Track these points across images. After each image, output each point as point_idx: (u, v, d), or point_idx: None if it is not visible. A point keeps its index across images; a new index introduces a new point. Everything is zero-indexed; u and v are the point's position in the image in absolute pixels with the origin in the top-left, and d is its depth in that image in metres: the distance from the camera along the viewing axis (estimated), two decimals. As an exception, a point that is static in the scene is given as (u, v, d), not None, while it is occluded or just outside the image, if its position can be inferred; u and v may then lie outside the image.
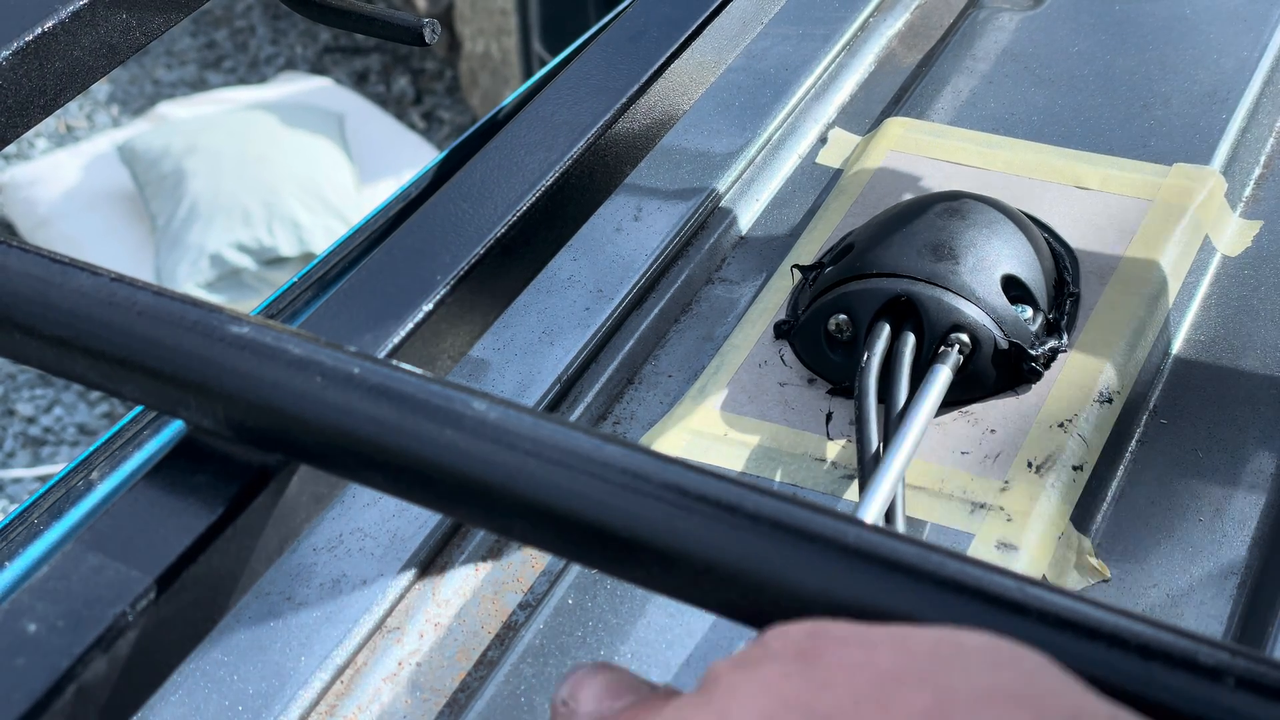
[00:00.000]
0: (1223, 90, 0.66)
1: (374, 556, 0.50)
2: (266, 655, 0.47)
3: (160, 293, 0.37)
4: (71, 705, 0.32)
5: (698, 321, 0.59)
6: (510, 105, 0.67)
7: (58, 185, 3.12)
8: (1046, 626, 0.27)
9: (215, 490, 0.35)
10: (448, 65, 3.71)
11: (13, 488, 2.77)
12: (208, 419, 0.36)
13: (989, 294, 0.53)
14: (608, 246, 0.61)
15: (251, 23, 3.90)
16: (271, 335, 0.35)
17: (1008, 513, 0.49)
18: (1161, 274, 0.57)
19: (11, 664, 0.32)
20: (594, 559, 0.32)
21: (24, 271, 0.38)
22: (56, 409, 2.98)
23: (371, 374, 0.34)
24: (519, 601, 0.50)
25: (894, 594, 0.28)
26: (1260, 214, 0.63)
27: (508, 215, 0.45)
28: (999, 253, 0.54)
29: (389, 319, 0.42)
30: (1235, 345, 0.57)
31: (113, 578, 0.33)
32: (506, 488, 0.32)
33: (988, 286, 0.53)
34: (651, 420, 0.55)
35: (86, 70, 0.52)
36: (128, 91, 3.68)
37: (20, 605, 0.33)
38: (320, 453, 0.35)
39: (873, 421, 0.50)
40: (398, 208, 0.65)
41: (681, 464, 0.31)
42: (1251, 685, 0.26)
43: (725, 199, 0.64)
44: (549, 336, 0.57)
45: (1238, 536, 0.50)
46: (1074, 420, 0.52)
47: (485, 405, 0.33)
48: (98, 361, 0.37)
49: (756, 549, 0.30)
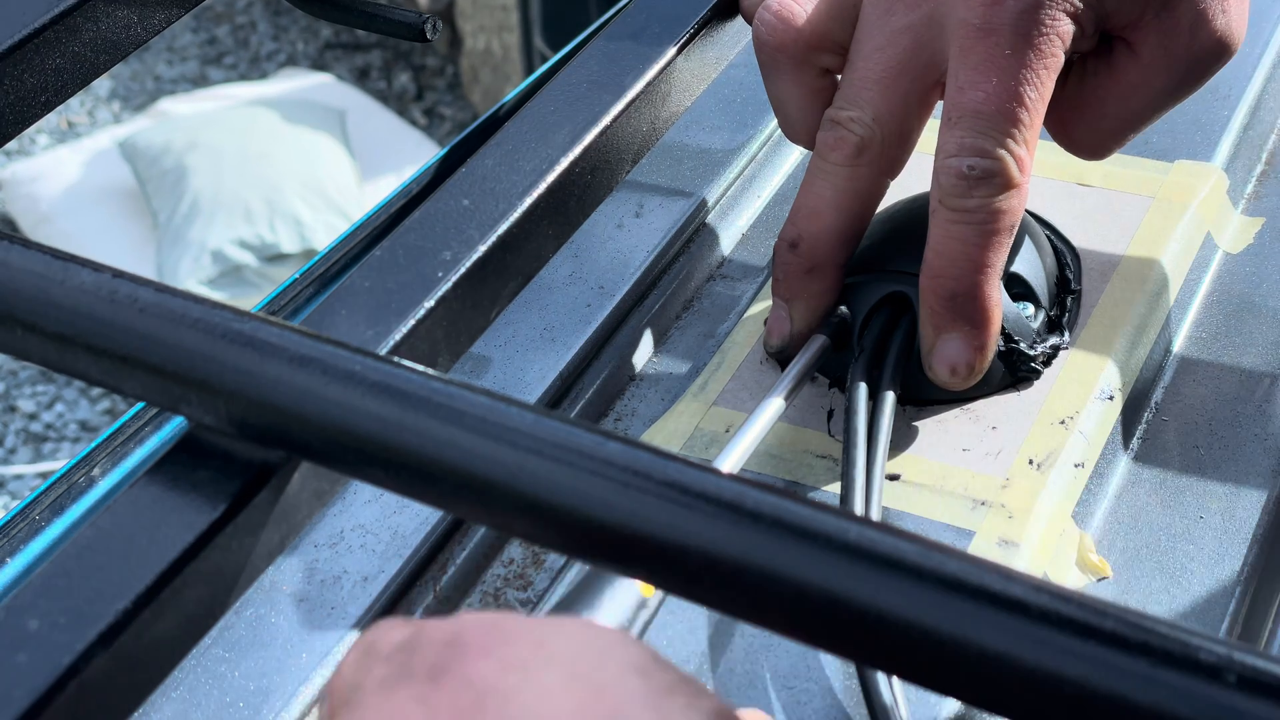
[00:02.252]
0: (1224, 87, 0.66)
1: (375, 553, 0.50)
2: (268, 651, 0.47)
3: (162, 289, 0.37)
4: (73, 701, 0.32)
5: (699, 318, 0.59)
6: (511, 102, 0.67)
7: (59, 181, 3.12)
8: (1047, 625, 0.27)
9: (217, 487, 0.35)
10: (449, 61, 3.71)
11: (14, 484, 2.77)
12: (209, 416, 0.36)
13: (990, 291, 0.53)
14: (609, 243, 0.61)
15: (253, 19, 3.90)
16: (273, 332, 0.35)
17: (1009, 510, 0.49)
18: (1163, 271, 0.57)
19: (13, 660, 0.32)
20: (595, 556, 0.32)
21: (25, 268, 0.38)
22: (58, 405, 2.98)
23: (373, 371, 0.34)
24: (521, 599, 0.50)
25: (893, 593, 0.28)
26: (1262, 211, 0.63)
27: (509, 212, 0.45)
28: (1000, 250, 0.54)
29: (390, 315, 0.42)
30: (1237, 342, 0.57)
31: (114, 574, 0.33)
32: (508, 484, 0.32)
33: (989, 283, 0.53)
34: (653, 417, 0.55)
35: (88, 66, 0.52)
36: (129, 87, 3.68)
37: (22, 602, 0.33)
38: (322, 449, 0.35)
39: (861, 416, 0.50)
40: (399, 204, 0.65)
41: (683, 460, 0.31)
42: (1252, 683, 0.26)
43: (727, 196, 0.64)
44: (550, 333, 0.57)
45: (1239, 533, 0.50)
46: (1075, 417, 0.52)
47: (487, 402, 0.33)
48: (99, 358, 0.37)
49: (756, 545, 0.30)
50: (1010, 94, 0.47)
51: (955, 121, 0.48)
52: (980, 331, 0.50)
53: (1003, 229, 0.49)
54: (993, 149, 0.48)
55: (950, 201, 0.48)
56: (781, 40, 0.52)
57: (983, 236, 0.49)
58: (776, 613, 0.30)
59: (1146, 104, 0.52)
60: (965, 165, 0.48)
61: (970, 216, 0.48)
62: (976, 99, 0.48)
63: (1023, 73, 0.48)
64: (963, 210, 0.48)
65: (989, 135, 0.48)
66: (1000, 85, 0.47)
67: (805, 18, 0.52)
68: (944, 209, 0.49)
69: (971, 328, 0.50)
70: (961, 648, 0.28)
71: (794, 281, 0.53)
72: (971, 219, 0.48)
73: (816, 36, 0.52)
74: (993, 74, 0.48)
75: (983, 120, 0.48)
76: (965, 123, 0.48)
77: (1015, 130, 0.48)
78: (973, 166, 0.48)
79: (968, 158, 0.48)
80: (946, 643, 0.28)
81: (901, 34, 0.49)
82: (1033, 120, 0.48)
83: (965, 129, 0.48)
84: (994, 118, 0.47)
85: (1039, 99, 0.48)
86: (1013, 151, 0.48)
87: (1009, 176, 0.48)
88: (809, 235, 0.52)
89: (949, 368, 0.50)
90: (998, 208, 0.48)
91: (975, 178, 0.48)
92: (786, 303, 0.53)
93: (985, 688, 0.28)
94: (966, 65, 0.48)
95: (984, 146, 0.48)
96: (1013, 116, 0.48)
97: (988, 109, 0.48)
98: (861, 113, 0.50)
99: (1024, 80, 0.48)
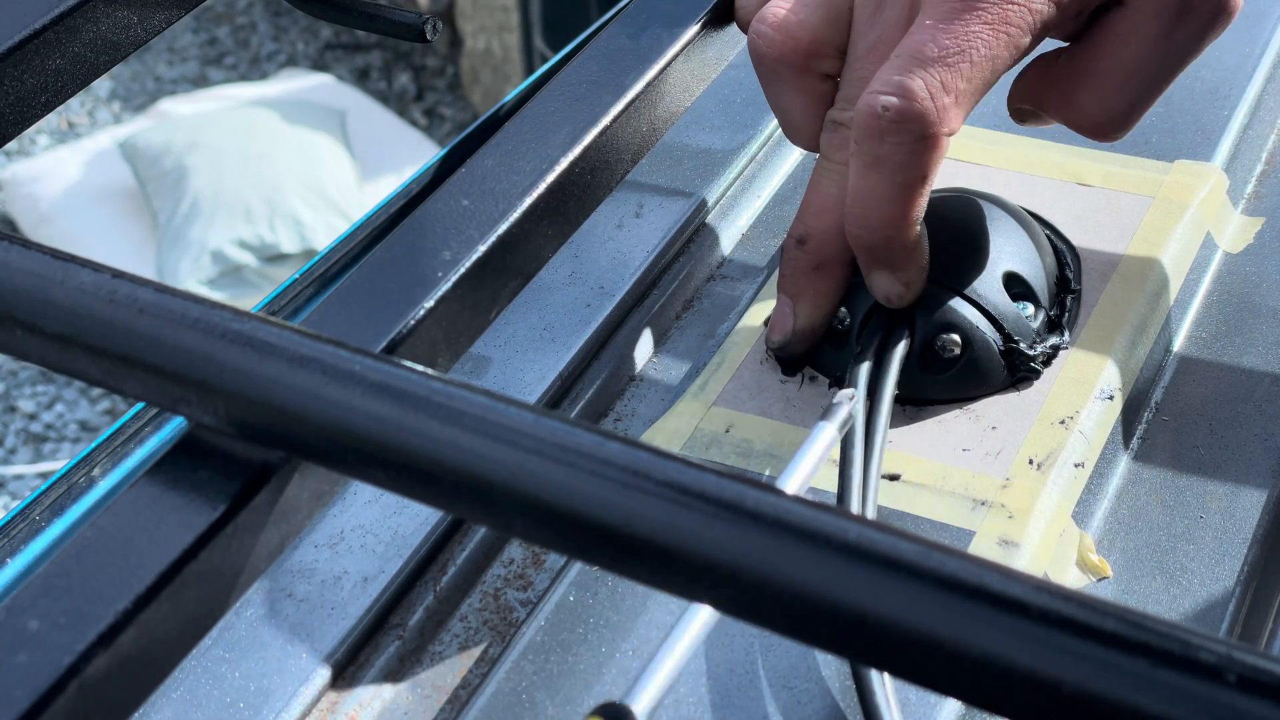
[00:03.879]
0: (1224, 87, 0.66)
1: (375, 553, 0.50)
2: (268, 652, 0.47)
3: (161, 289, 0.37)
4: (73, 702, 0.32)
5: (699, 318, 0.59)
6: (511, 102, 0.67)
7: (59, 182, 3.12)
8: (1046, 625, 0.27)
9: (217, 487, 0.35)
10: (449, 62, 3.71)
11: (14, 484, 2.77)
12: (209, 416, 0.36)
13: (990, 291, 0.53)
14: (609, 243, 0.61)
15: (253, 19, 3.90)
16: (273, 332, 0.35)
17: (1009, 510, 0.49)
18: (1163, 271, 0.57)
19: (13, 661, 0.32)
20: (595, 556, 0.32)
21: (25, 268, 0.38)
22: (58, 405, 2.98)
23: (373, 371, 0.34)
24: (520, 598, 0.50)
25: (893, 592, 0.28)
26: (1262, 211, 0.63)
27: (509, 212, 0.45)
28: (1000, 250, 0.54)
29: (390, 316, 0.42)
30: (1237, 342, 0.57)
31: (114, 574, 0.33)
32: (508, 484, 0.32)
33: (989, 283, 0.53)
34: (653, 417, 0.55)
35: (88, 67, 0.52)
36: (129, 88, 3.68)
37: (22, 602, 0.33)
38: (321, 449, 0.35)
39: (859, 415, 0.50)
40: (399, 204, 0.65)
41: (683, 461, 0.31)
42: (1252, 683, 0.26)
43: (727, 196, 0.64)
44: (550, 333, 0.57)
45: (1239, 533, 0.50)
46: (1075, 417, 0.52)
47: (487, 402, 0.33)
48: (99, 358, 0.37)
49: (756, 545, 0.30)
50: (955, 40, 0.46)
51: (893, 59, 0.47)
52: (904, 271, 0.50)
53: (916, 180, 0.47)
54: (915, 89, 0.46)
55: (863, 144, 0.47)
56: (781, 52, 0.52)
57: (895, 189, 0.48)
58: (776, 612, 0.30)
59: (1141, 54, 0.50)
60: (880, 104, 0.46)
61: (882, 165, 0.47)
62: (920, 40, 0.47)
63: (977, 26, 0.46)
64: (875, 156, 0.47)
65: (916, 74, 0.46)
66: (948, 32, 0.46)
67: (801, 26, 0.52)
68: (858, 149, 0.48)
69: (895, 270, 0.50)
70: (961, 647, 0.28)
71: (800, 277, 0.53)
72: (883, 167, 0.47)
73: (815, 44, 0.52)
74: (945, 21, 0.47)
75: (916, 60, 0.46)
76: (900, 60, 0.47)
77: (947, 76, 0.46)
78: (887, 107, 0.46)
79: (886, 95, 0.46)
80: (946, 642, 0.28)
81: (893, 29, 0.49)
82: (972, 74, 0.47)
83: (897, 66, 0.47)
84: (929, 59, 0.46)
85: (985, 59, 0.47)
86: (935, 97, 0.46)
87: (926, 124, 0.46)
88: (817, 231, 0.52)
89: (883, 296, 0.52)
90: (911, 158, 0.47)
91: (889, 119, 0.46)
92: (791, 299, 0.53)
93: (985, 688, 0.28)
94: (925, 16, 0.47)
95: (906, 85, 0.46)
96: (950, 62, 0.46)
97: (927, 51, 0.46)
98: None
99: (975, 34, 0.46)
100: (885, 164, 0.47)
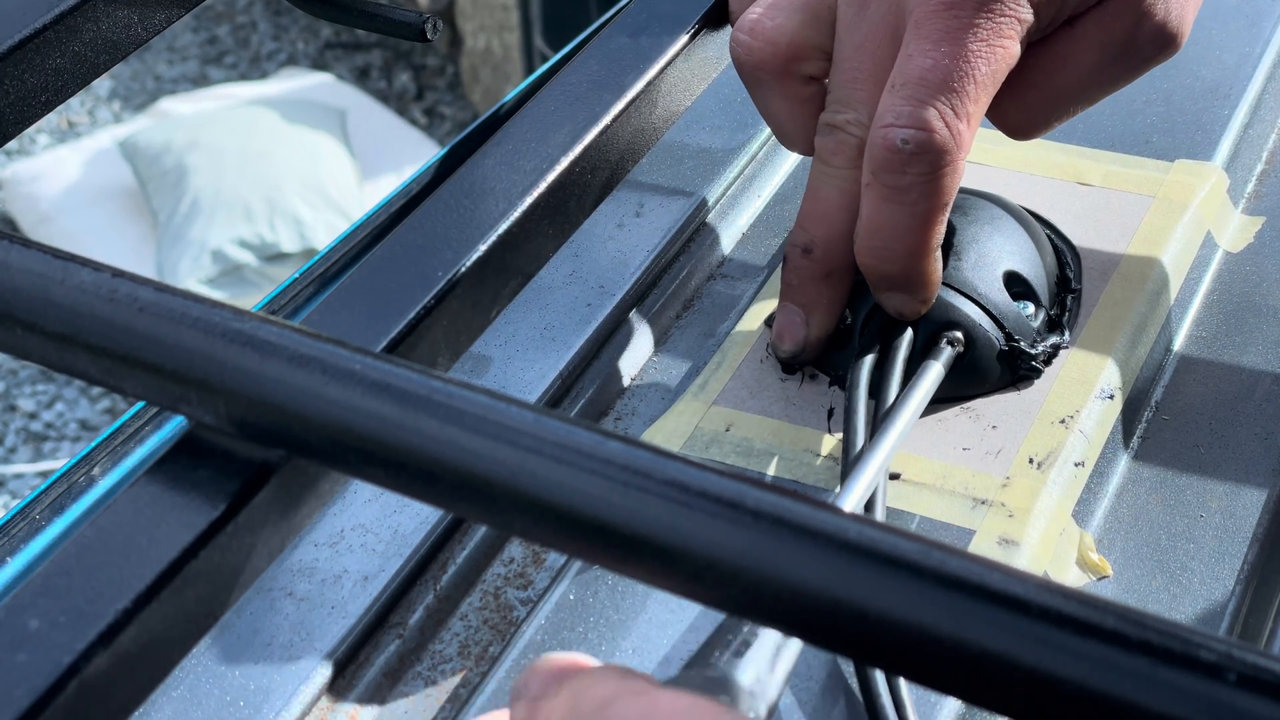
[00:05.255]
0: (1224, 86, 0.66)
1: (376, 552, 0.50)
2: (268, 651, 0.47)
3: (161, 289, 0.37)
4: (74, 701, 0.32)
5: (699, 318, 0.59)
6: (512, 101, 0.67)
7: (59, 181, 3.12)
8: (1047, 623, 0.27)
9: (217, 486, 0.35)
10: (449, 61, 3.71)
11: (14, 483, 2.77)
12: (209, 415, 0.36)
13: (990, 290, 0.53)
14: (609, 243, 0.61)
15: (253, 18, 3.90)
16: (273, 331, 0.35)
17: (1009, 509, 0.49)
18: (1163, 270, 0.57)
19: (13, 660, 0.32)
20: (595, 555, 0.32)
21: (25, 268, 0.38)
22: (58, 404, 2.98)
23: (373, 370, 0.34)
24: (521, 597, 0.50)
25: (893, 591, 0.28)
26: (1262, 210, 0.63)
27: (509, 211, 0.45)
28: (1001, 249, 0.54)
29: (390, 315, 0.42)
30: (1237, 341, 0.57)
31: (115, 573, 0.33)
32: (508, 484, 0.32)
33: (989, 283, 0.53)
34: (653, 416, 0.55)
35: (88, 66, 0.52)
36: (129, 87, 3.68)
37: (22, 601, 0.33)
38: (322, 448, 0.35)
39: (861, 414, 0.50)
40: (399, 204, 0.65)
41: (683, 460, 0.31)
42: (1252, 682, 0.26)
43: (727, 195, 0.64)
44: (550, 333, 0.57)
45: (1239, 532, 0.50)
46: (1075, 416, 0.52)
47: (487, 401, 0.33)
48: (99, 357, 0.37)
49: (757, 544, 0.30)
50: (958, 64, 0.46)
51: (898, 87, 0.47)
52: (921, 292, 0.51)
53: (937, 208, 0.48)
54: (931, 120, 0.46)
55: (884, 178, 0.47)
56: (760, 58, 0.51)
57: (917, 219, 0.48)
58: (776, 611, 0.30)
59: (1074, 81, 0.50)
60: (899, 139, 0.47)
61: (904, 195, 0.47)
62: (923, 65, 0.47)
63: (975, 46, 0.47)
64: (897, 188, 0.47)
65: (928, 104, 0.46)
66: (950, 55, 0.46)
67: (779, 30, 0.51)
68: (877, 184, 0.48)
69: (911, 295, 0.50)
70: (962, 646, 0.28)
71: (809, 287, 0.52)
72: (905, 198, 0.48)
73: (794, 47, 0.51)
74: (944, 44, 0.47)
75: (925, 88, 0.47)
76: (907, 89, 0.47)
77: (958, 102, 0.47)
78: (906, 140, 0.47)
79: (903, 129, 0.47)
80: (946, 641, 0.28)
81: (879, 27, 0.49)
82: (978, 95, 0.47)
83: (905, 95, 0.47)
84: (938, 86, 0.46)
85: (988, 76, 0.47)
86: (951, 125, 0.47)
87: (945, 151, 0.47)
88: (823, 240, 0.51)
89: (896, 312, 0.52)
90: (932, 186, 0.47)
91: (909, 153, 0.47)
92: (803, 309, 0.53)
93: (985, 686, 0.28)
94: (919, 35, 0.47)
95: (922, 116, 0.46)
96: (957, 88, 0.46)
97: (933, 77, 0.46)
98: (856, 113, 0.50)
99: (975, 54, 0.47)
100: (906, 195, 0.48)
